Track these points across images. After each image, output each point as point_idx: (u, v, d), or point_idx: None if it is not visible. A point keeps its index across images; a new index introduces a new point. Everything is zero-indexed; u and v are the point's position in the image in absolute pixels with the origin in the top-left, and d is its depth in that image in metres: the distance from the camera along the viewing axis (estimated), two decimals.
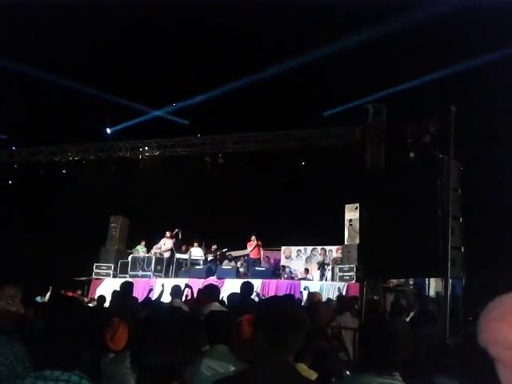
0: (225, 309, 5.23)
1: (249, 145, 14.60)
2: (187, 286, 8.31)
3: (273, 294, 10.50)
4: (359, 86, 13.39)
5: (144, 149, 15.60)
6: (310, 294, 7.03)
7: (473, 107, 10.68)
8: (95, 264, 14.70)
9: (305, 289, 11.51)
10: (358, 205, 12.74)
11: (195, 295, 7.96)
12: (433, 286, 11.15)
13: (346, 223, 13.11)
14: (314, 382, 2.14)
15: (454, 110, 6.02)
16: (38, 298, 11.05)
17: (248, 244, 14.34)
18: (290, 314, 1.80)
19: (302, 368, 2.86)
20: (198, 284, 11.16)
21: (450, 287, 5.54)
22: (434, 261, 5.65)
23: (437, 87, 12.51)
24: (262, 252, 14.31)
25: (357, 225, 12.73)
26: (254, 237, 14.20)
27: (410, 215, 6.03)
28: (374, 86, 13.43)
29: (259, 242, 14.19)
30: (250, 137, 14.63)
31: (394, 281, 11.70)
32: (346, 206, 13.19)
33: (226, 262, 14.53)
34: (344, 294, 11.39)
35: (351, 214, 13.01)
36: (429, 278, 10.56)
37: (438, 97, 12.32)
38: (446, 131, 5.99)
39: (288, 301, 2.01)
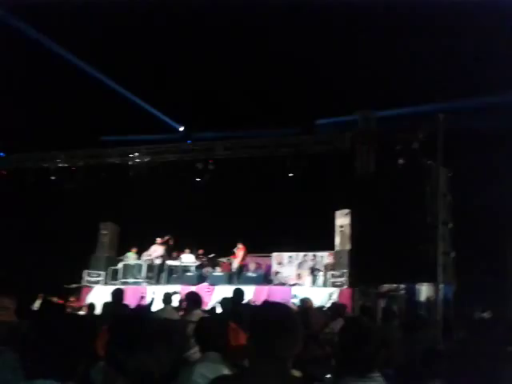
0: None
1: (239, 151, 14.59)
2: (176, 293, 8.29)
3: (264, 300, 10.47)
4: (349, 94, 13.50)
5: (134, 155, 15.52)
6: (302, 301, 7.02)
7: (460, 114, 10.80)
8: (85, 271, 14.57)
9: (295, 297, 11.51)
10: (348, 211, 12.84)
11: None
12: (424, 291, 11.20)
13: (337, 229, 13.15)
14: None
15: (443, 117, 6.09)
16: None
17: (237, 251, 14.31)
18: (283, 321, 1.78)
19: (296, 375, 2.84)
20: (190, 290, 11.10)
21: (441, 293, 5.58)
22: (425, 266, 5.69)
23: (425, 94, 12.64)
24: (242, 257, 14.27)
25: (348, 230, 12.80)
26: (240, 244, 14.24)
27: (400, 221, 6.08)
28: (363, 93, 13.53)
29: (243, 248, 14.27)
30: (240, 143, 14.64)
31: (386, 286, 11.74)
32: (337, 212, 13.23)
33: (218, 268, 14.49)
34: (336, 300, 11.40)
35: (342, 219, 13.06)
36: (420, 283, 10.61)
37: (427, 104, 12.45)
38: (435, 138, 6.06)
39: (280, 307, 1.97)
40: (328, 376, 3.14)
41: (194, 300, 6.16)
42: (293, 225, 14.79)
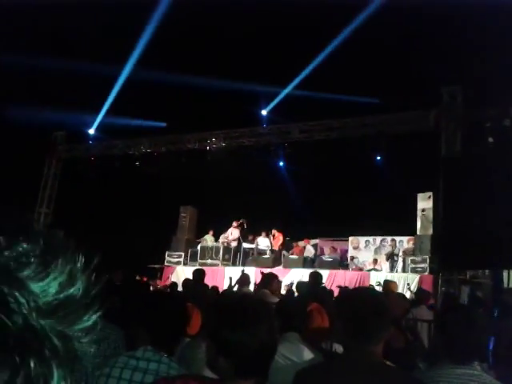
0: (275, 297, 5.17)
1: (316, 133, 14.36)
2: (243, 272, 8.45)
3: (341, 285, 10.36)
4: (433, 68, 12.75)
5: (211, 140, 15.85)
6: (386, 282, 6.85)
7: None
8: (167, 252, 15.26)
9: (378, 284, 11.24)
10: (431, 194, 12.28)
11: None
12: None
13: (419, 213, 12.63)
14: (404, 372, 2.00)
15: None
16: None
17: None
18: (373, 303, 1.74)
19: None
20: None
21: None
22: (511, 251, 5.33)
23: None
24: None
25: (430, 214, 12.27)
26: (275, 231, 14.78)
27: (489, 204, 5.72)
28: (448, 68, 12.76)
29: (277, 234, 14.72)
30: (316, 125, 14.37)
31: (470, 272, 11.15)
32: (419, 194, 12.72)
33: (291, 251, 14.56)
34: (416, 286, 11.02)
35: (424, 203, 12.53)
36: (509, 269, 9.96)
37: None
38: None
39: (370, 291, 1.93)
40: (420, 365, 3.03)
41: (261, 281, 6.18)
42: (370, 208, 14.45)
